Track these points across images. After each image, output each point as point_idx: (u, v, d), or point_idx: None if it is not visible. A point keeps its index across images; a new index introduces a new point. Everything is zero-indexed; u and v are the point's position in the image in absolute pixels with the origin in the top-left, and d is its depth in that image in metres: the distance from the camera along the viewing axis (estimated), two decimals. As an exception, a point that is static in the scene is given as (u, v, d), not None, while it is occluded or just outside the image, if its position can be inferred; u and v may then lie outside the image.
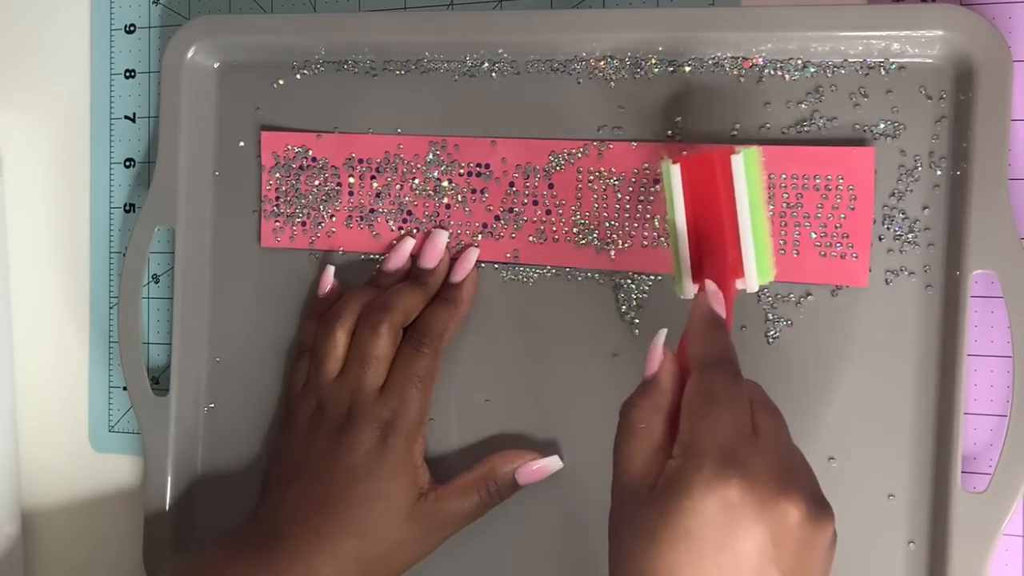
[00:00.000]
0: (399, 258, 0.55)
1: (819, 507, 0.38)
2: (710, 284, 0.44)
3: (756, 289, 0.45)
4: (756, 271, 0.45)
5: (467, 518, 0.52)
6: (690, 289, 0.46)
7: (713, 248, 0.46)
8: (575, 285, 0.53)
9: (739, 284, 0.45)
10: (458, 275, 0.54)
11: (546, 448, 0.53)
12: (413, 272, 0.55)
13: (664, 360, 0.43)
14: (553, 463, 0.52)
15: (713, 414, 0.39)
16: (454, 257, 0.54)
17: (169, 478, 0.58)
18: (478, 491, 0.52)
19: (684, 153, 0.48)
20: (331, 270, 0.56)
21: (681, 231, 0.46)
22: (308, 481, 0.52)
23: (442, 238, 0.54)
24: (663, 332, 0.43)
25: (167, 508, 0.58)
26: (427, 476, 0.52)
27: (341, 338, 0.53)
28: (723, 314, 0.43)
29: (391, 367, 0.52)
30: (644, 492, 0.39)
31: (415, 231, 0.55)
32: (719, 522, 0.36)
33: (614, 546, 0.40)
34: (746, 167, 0.45)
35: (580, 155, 0.53)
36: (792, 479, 0.38)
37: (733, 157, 0.45)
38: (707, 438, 0.38)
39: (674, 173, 0.46)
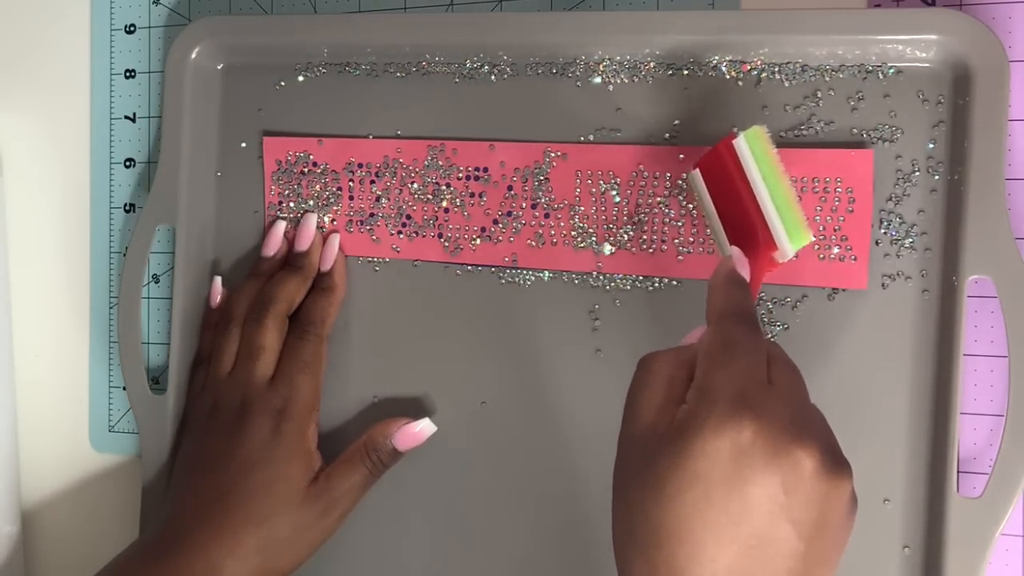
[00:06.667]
0: (274, 242, 0.57)
1: (835, 462, 0.36)
2: (734, 249, 0.45)
3: (792, 255, 0.45)
4: (787, 238, 0.45)
5: (357, 490, 0.53)
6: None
7: (745, 231, 0.46)
8: (573, 288, 0.53)
9: (777, 257, 0.46)
10: (326, 263, 0.56)
11: (546, 451, 0.53)
12: (289, 258, 0.56)
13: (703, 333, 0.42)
14: (427, 426, 0.53)
15: (729, 360, 0.38)
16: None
17: (167, 477, 0.57)
18: (363, 462, 0.53)
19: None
20: (219, 280, 0.57)
21: (718, 230, 0.47)
22: (207, 478, 0.52)
23: (312, 220, 0.56)
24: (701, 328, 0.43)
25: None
26: (319, 459, 0.53)
27: (233, 335, 0.55)
28: (746, 276, 0.43)
29: (280, 357, 0.54)
30: (652, 441, 0.37)
31: (414, 235, 0.55)
32: (729, 466, 0.35)
33: (618, 501, 0.39)
34: (750, 146, 0.46)
35: (578, 158, 0.53)
36: (807, 429, 0.36)
37: (735, 142, 0.46)
38: (722, 382, 0.37)
39: (697, 179, 0.48)
